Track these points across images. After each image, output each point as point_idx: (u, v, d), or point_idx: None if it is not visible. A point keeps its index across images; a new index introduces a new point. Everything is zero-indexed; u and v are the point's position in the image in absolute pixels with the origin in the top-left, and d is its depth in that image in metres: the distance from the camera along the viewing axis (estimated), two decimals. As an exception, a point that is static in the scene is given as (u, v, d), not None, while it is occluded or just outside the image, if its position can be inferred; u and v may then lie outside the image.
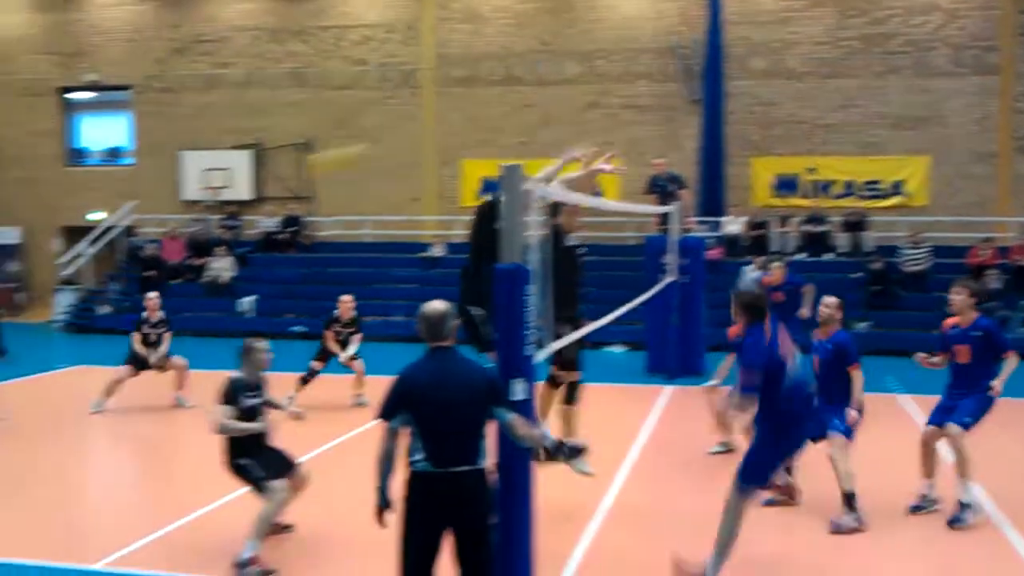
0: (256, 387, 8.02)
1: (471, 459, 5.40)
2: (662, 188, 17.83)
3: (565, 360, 8.66)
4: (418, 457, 5.38)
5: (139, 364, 13.76)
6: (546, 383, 8.86)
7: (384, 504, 5.48)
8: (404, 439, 5.50)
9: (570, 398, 9.05)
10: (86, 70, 27.76)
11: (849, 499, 8.53)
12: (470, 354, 5.86)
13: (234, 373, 7.96)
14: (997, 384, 8.63)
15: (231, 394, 7.80)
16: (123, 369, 13.71)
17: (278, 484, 7.67)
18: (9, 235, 27.43)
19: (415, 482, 5.41)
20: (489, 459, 5.57)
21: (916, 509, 8.92)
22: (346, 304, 13.96)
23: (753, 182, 24.33)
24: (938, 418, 8.91)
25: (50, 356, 19.25)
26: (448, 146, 25.86)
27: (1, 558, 7.71)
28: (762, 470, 7.30)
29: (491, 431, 5.66)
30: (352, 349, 13.91)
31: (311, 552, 7.93)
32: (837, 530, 8.43)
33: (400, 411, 5.45)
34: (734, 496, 7.19)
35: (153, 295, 14.36)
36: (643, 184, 19.12)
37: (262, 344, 8.14)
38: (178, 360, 13.90)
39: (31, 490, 9.85)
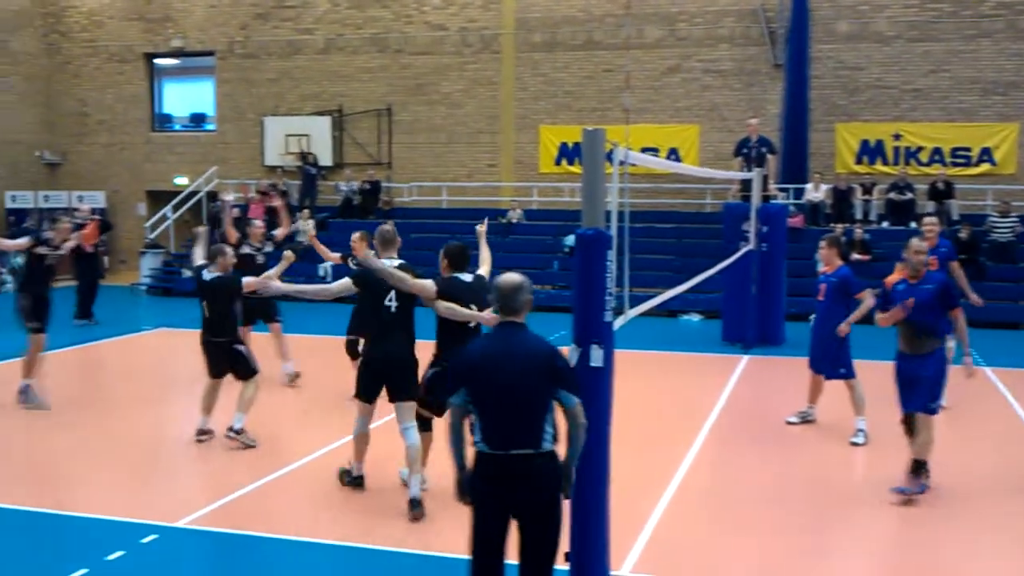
0: None
1: (531, 442, 5.04)
2: (752, 152, 17.29)
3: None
4: (477, 437, 5.13)
5: (252, 313, 12.58)
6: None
7: (462, 482, 5.27)
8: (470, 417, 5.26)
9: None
10: (172, 36, 28.18)
11: None
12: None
13: None
14: None
15: None
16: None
17: None
18: (96, 199, 28.04)
19: (476, 463, 5.18)
20: (558, 443, 5.15)
21: None
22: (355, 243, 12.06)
23: (837, 148, 23.85)
24: None
25: (135, 318, 19.70)
26: (526, 112, 25.77)
27: (89, 514, 7.98)
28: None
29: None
30: None
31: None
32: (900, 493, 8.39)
33: (460, 387, 5.19)
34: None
35: (259, 223, 13.32)
36: (721, 151, 18.84)
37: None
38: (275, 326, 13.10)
39: (119, 451, 10.12)
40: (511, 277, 5.29)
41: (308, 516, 8.06)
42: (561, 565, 5.41)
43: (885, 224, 22.00)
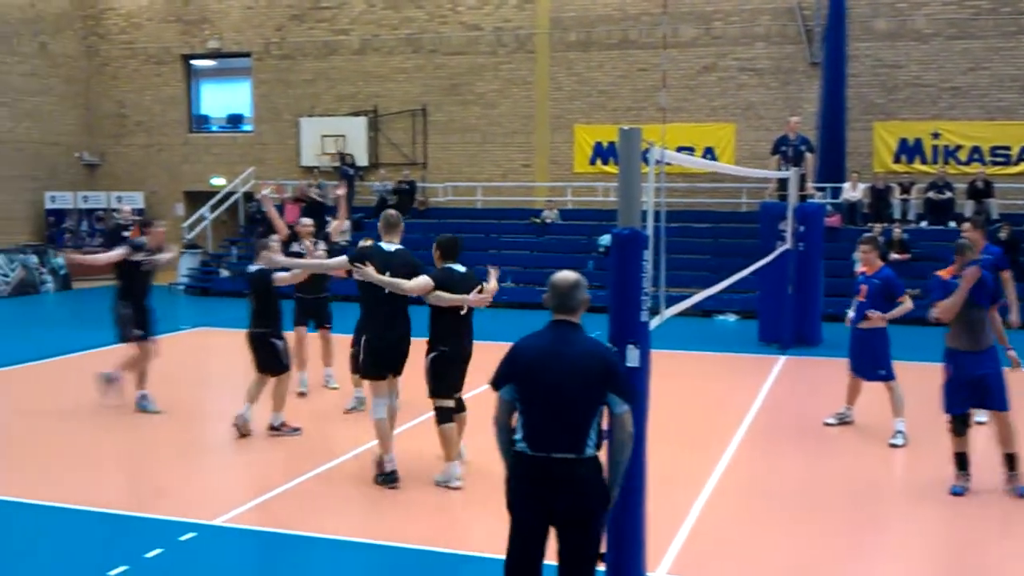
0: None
1: (574, 446, 4.86)
2: (790, 150, 17.04)
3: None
4: (519, 436, 4.97)
5: (304, 314, 12.39)
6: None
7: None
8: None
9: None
10: (209, 37, 28.39)
11: None
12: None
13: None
14: None
15: None
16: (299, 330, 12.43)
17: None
18: (135, 200, 28.30)
19: (515, 462, 5.02)
20: (601, 449, 5.01)
21: None
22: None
23: (875, 147, 23.65)
24: None
25: (174, 318, 19.84)
26: (561, 111, 25.74)
27: (128, 512, 8.05)
28: None
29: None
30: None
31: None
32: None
33: (508, 382, 5.03)
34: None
35: (308, 220, 12.66)
36: (757, 149, 18.70)
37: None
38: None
39: (158, 449, 10.22)
40: (567, 275, 5.11)
41: (344, 514, 8.11)
42: (597, 566, 5.38)
43: (924, 224, 21.81)
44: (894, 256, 19.49)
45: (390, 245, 8.76)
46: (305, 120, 27.44)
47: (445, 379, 8.55)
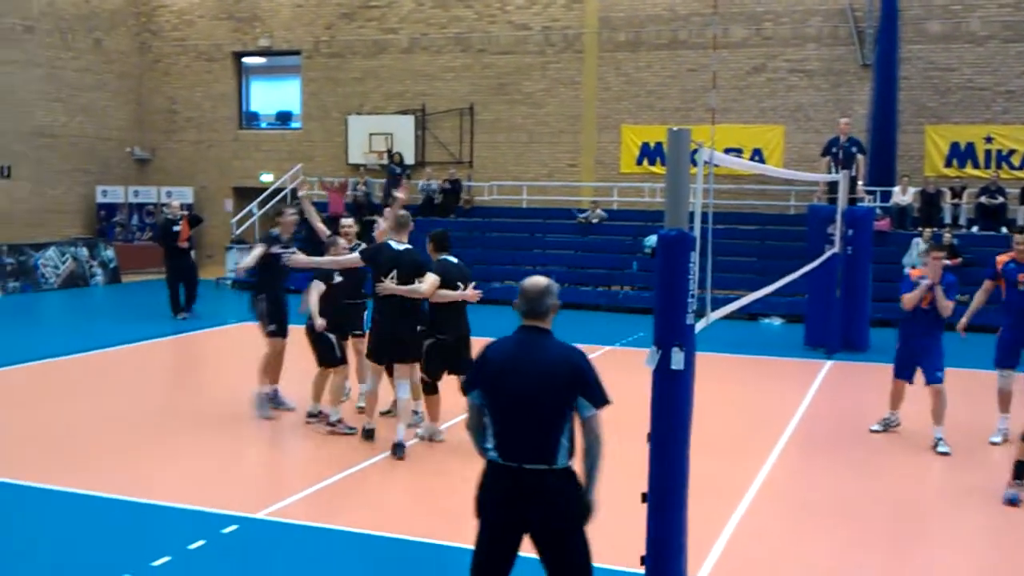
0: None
1: (545, 456, 4.70)
2: (840, 152, 16.85)
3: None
4: (489, 445, 4.82)
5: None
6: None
7: None
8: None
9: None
10: (259, 35, 28.63)
11: None
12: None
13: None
14: None
15: None
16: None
17: None
18: (185, 195, 28.60)
19: (486, 472, 4.87)
20: (574, 458, 4.83)
21: None
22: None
23: (926, 151, 23.35)
24: None
25: (222, 312, 20.03)
26: (608, 111, 25.67)
27: (172, 503, 8.12)
28: None
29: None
30: None
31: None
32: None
33: (475, 387, 4.90)
34: None
35: (349, 221, 11.82)
36: (805, 152, 18.54)
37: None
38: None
39: (204, 441, 10.31)
40: (537, 280, 4.98)
41: (388, 510, 8.13)
42: (638, 569, 5.35)
43: (975, 229, 21.50)
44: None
45: (400, 244, 9.53)
46: (353, 118, 27.60)
47: (437, 362, 9.68)
